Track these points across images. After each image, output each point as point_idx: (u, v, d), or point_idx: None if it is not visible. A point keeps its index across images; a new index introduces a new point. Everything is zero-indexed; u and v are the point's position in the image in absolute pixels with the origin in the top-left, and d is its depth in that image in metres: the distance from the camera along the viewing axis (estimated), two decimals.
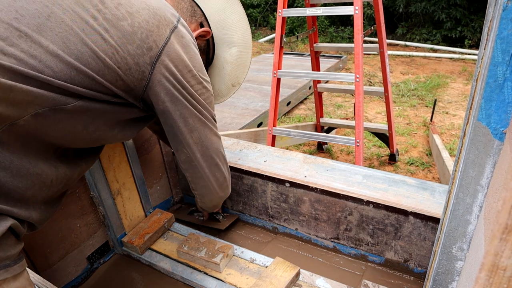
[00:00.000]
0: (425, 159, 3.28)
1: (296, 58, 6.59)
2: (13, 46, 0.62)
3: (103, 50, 0.72)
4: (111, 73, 0.75)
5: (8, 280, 0.67)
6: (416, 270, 1.16)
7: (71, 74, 0.69)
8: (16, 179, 0.68)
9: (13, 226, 0.68)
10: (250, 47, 1.15)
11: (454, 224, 0.67)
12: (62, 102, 0.69)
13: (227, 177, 1.13)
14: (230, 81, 1.19)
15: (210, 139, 1.00)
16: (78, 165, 0.84)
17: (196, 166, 1.02)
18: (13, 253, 0.68)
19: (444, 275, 0.74)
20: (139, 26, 0.77)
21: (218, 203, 1.21)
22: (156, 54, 0.80)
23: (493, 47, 0.49)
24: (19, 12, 0.64)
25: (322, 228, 1.29)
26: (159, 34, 0.81)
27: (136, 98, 0.84)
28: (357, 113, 2.33)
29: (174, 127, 0.93)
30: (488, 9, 0.57)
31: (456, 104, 4.61)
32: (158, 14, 0.82)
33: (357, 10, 2.18)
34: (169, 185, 1.61)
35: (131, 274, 1.31)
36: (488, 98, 0.52)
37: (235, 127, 3.46)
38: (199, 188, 1.09)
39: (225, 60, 1.14)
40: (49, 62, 0.66)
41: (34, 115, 0.66)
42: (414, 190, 1.15)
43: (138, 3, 0.79)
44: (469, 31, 7.65)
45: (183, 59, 0.86)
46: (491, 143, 0.55)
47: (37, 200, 0.74)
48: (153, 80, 0.82)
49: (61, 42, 0.67)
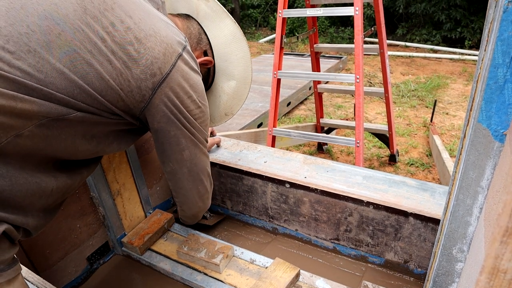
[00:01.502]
0: (425, 160, 3.28)
1: (296, 59, 6.59)
2: (20, 59, 0.64)
3: (108, 71, 0.74)
4: (113, 94, 0.76)
5: (2, 285, 0.66)
6: (416, 271, 1.16)
7: (74, 91, 0.71)
8: (15, 187, 0.68)
9: (7, 230, 0.68)
10: (249, 83, 1.18)
11: (454, 226, 0.67)
12: (64, 112, 0.70)
13: (209, 190, 1.16)
14: (224, 110, 1.21)
15: (199, 158, 1.03)
16: (79, 173, 0.86)
17: (180, 178, 1.05)
18: (7, 258, 0.68)
19: (444, 276, 0.74)
20: (144, 52, 0.79)
21: (197, 213, 1.22)
22: (159, 80, 0.82)
23: (494, 49, 0.49)
24: (30, 27, 0.66)
25: (322, 229, 1.29)
26: (165, 62, 0.82)
27: (133, 117, 0.86)
28: (357, 113, 2.33)
29: (165, 144, 0.95)
30: (488, 10, 0.57)
31: (456, 105, 4.61)
32: (165, 42, 0.83)
33: (357, 10, 2.18)
34: (169, 186, 1.61)
35: (131, 274, 1.31)
36: (488, 99, 0.52)
37: (235, 127, 3.46)
38: (180, 196, 1.12)
39: (222, 90, 1.17)
40: (54, 78, 0.68)
41: (38, 125, 0.67)
42: (414, 191, 1.15)
43: (147, 29, 0.80)
44: (469, 32, 7.66)
45: (184, 86, 0.88)
46: (492, 145, 0.55)
47: (35, 207, 0.75)
48: (152, 103, 0.84)
49: (68, 60, 0.69)
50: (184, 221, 1.31)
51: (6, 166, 0.66)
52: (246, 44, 1.12)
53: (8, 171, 0.67)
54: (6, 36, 0.63)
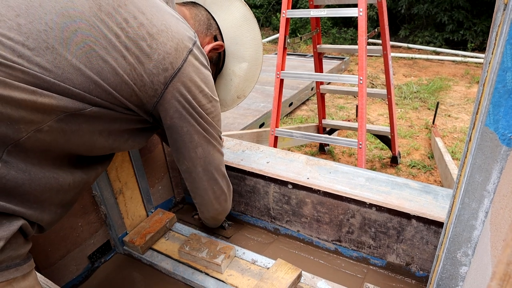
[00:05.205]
0: (427, 162, 3.28)
1: (298, 59, 6.58)
2: (39, 56, 0.66)
3: (122, 67, 0.76)
4: (127, 89, 0.79)
5: (18, 279, 0.68)
6: (418, 274, 1.15)
7: (90, 87, 0.73)
8: (34, 182, 0.70)
9: (23, 226, 0.69)
10: (261, 63, 1.19)
11: (459, 229, 0.67)
12: (81, 107, 0.73)
13: (225, 192, 1.15)
14: (236, 93, 1.22)
15: (213, 156, 1.04)
16: (94, 169, 0.87)
17: (195, 178, 1.06)
18: (22, 253, 0.70)
19: (448, 280, 0.74)
20: (157, 47, 0.81)
21: (216, 215, 1.22)
22: (171, 75, 0.84)
23: (503, 52, 0.48)
24: (48, 25, 0.68)
25: (324, 230, 1.28)
26: (176, 57, 0.84)
27: (147, 112, 0.87)
28: (360, 115, 2.32)
29: (179, 141, 0.97)
30: (496, 13, 0.56)
31: (459, 107, 4.60)
32: (176, 37, 0.85)
33: (361, 12, 2.17)
34: (171, 185, 1.61)
35: (132, 273, 1.31)
36: (496, 103, 0.52)
37: (237, 127, 3.46)
38: (197, 197, 1.12)
39: (233, 73, 1.17)
40: (71, 74, 0.70)
41: (57, 120, 0.70)
42: (417, 194, 1.15)
43: (159, 24, 0.82)
44: (471, 34, 7.63)
45: (196, 80, 0.90)
46: (499, 149, 0.55)
47: (53, 203, 0.76)
48: (164, 98, 0.86)
49: (84, 57, 0.72)
50: (207, 224, 1.33)
51: (26, 160, 0.68)
52: (256, 24, 1.13)
53: (27, 165, 0.68)
54: (26, 34, 0.66)
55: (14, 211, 0.67)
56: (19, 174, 0.67)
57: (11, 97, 0.62)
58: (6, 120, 0.63)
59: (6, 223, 0.66)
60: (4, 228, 0.65)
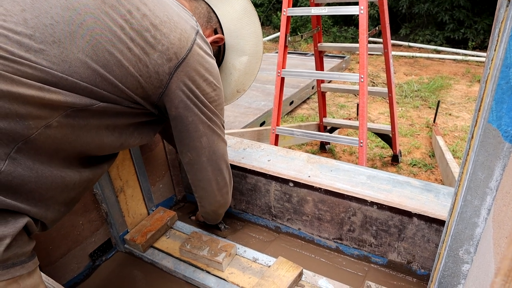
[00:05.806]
0: (427, 161, 3.27)
1: (298, 58, 6.57)
2: (47, 50, 0.67)
3: (127, 59, 0.77)
4: (132, 81, 0.79)
5: (23, 277, 0.68)
6: (419, 272, 1.15)
7: (96, 80, 0.73)
8: (40, 180, 0.70)
9: (28, 223, 0.69)
10: (261, 57, 1.19)
11: (461, 227, 0.67)
12: (88, 103, 0.73)
13: (228, 184, 1.15)
14: (236, 87, 1.21)
15: (217, 145, 1.04)
16: (100, 167, 0.88)
17: (199, 169, 1.05)
18: (27, 250, 0.70)
19: (450, 277, 0.73)
20: (161, 38, 0.81)
21: (217, 209, 1.21)
22: (175, 65, 0.84)
23: (506, 49, 0.48)
24: (54, 19, 0.68)
25: (325, 228, 1.28)
26: (180, 47, 0.85)
27: (152, 104, 0.88)
28: (361, 113, 2.32)
29: (183, 131, 0.97)
30: (499, 10, 0.56)
31: (460, 105, 4.59)
32: (179, 27, 0.85)
33: (362, 10, 2.16)
34: (172, 183, 1.60)
35: (133, 272, 1.31)
36: (499, 100, 0.51)
37: (238, 125, 3.46)
38: (199, 190, 1.12)
39: (233, 66, 1.17)
40: (78, 68, 0.70)
41: (65, 115, 0.70)
42: (419, 192, 1.15)
43: (161, 15, 0.83)
44: (472, 33, 7.61)
45: (200, 70, 0.90)
46: (501, 146, 0.55)
47: (57, 201, 0.77)
48: (169, 88, 0.86)
49: (91, 50, 0.72)
50: (206, 220, 1.31)
51: (35, 158, 0.68)
52: (257, 18, 1.13)
53: (35, 163, 0.68)
54: (33, 28, 0.66)
55: (19, 209, 0.67)
56: (26, 171, 0.67)
57: (19, 93, 0.62)
58: (14, 116, 0.63)
59: (11, 221, 0.66)
60: (10, 226, 0.65)
